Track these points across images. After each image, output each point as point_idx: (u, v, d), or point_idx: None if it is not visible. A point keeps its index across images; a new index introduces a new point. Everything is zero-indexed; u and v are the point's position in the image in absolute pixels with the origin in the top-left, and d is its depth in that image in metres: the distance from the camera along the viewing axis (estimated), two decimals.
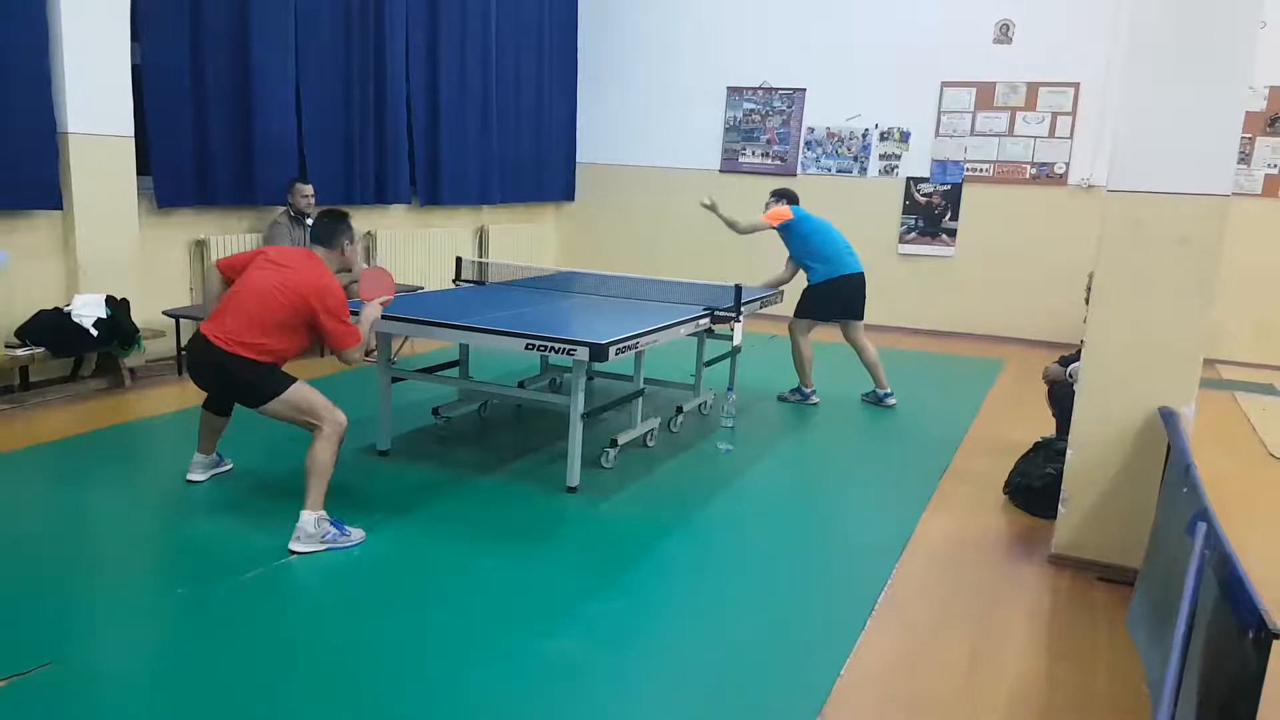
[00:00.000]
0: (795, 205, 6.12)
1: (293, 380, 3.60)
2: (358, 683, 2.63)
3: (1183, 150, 3.33)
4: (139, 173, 5.87)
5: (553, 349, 3.99)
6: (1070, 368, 4.42)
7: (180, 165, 6.14)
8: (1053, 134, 8.48)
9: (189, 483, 4.06)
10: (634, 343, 4.17)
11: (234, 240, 6.57)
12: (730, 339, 5.35)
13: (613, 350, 3.94)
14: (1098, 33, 8.11)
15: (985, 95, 8.66)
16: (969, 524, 4.10)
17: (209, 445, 4.10)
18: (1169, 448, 3.21)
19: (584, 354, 3.90)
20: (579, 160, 10.35)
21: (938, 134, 8.89)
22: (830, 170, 9.33)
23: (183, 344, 6.05)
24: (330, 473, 3.52)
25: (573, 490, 4.18)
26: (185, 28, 6.04)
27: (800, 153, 9.42)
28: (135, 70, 5.79)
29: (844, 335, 6.09)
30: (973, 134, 8.75)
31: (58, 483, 4.17)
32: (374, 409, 4.73)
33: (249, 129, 6.52)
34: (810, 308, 6.03)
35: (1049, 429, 4.71)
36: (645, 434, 4.91)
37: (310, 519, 3.44)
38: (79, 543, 3.55)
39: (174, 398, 5.59)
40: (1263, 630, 1.61)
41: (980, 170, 8.78)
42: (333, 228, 3.82)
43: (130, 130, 5.75)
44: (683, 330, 4.74)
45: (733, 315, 5.02)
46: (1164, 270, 3.39)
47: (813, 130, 9.36)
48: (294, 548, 3.41)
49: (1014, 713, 2.65)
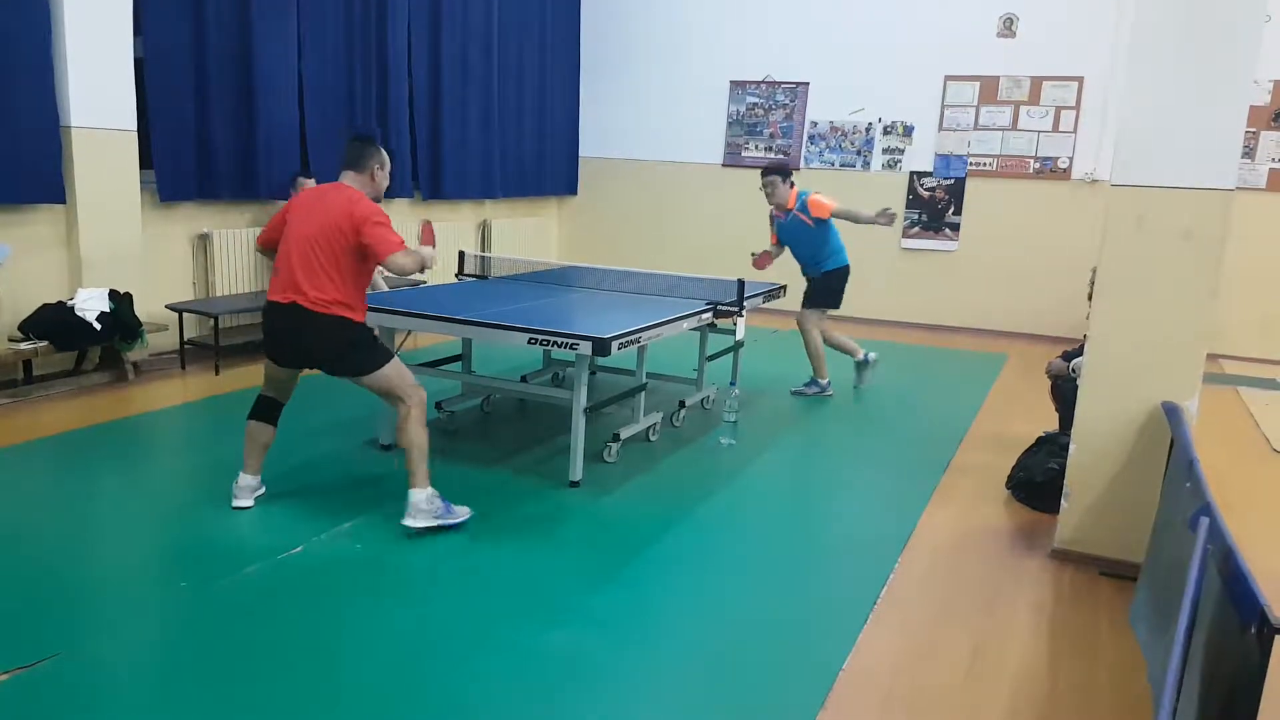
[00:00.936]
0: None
1: (391, 353, 3.61)
2: (360, 675, 2.64)
3: (1186, 144, 3.32)
4: (141, 166, 5.87)
5: (555, 343, 4.00)
6: (1073, 362, 4.41)
7: (183, 159, 6.14)
8: (1056, 128, 8.46)
9: (235, 509, 3.71)
10: (636, 337, 4.17)
11: (237, 235, 6.57)
12: (733, 333, 5.36)
13: (615, 345, 3.94)
14: (1102, 27, 8.09)
15: (989, 89, 8.64)
16: (971, 519, 4.10)
17: (257, 463, 3.76)
18: (1172, 442, 3.21)
19: (587, 348, 3.90)
20: (581, 154, 10.34)
21: (941, 128, 8.87)
22: (833, 164, 9.31)
23: (185, 338, 6.07)
24: (427, 446, 3.54)
25: (575, 485, 4.19)
26: (188, 21, 6.04)
27: (803, 147, 9.40)
28: (138, 64, 5.79)
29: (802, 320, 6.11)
30: (976, 128, 8.73)
31: (61, 476, 4.18)
32: (374, 404, 4.72)
33: (252, 123, 6.51)
34: (823, 296, 6.05)
35: (1052, 424, 4.71)
36: (648, 429, 4.91)
37: (422, 496, 3.49)
38: (82, 536, 3.56)
39: (177, 391, 5.60)
40: (1265, 625, 1.61)
41: (983, 164, 8.76)
42: (361, 150, 3.58)
43: (133, 124, 5.75)
44: (685, 325, 4.74)
45: (735, 310, 5.02)
46: (1167, 265, 3.39)
47: (816, 124, 9.34)
48: (409, 524, 3.46)
49: (1016, 707, 2.65)
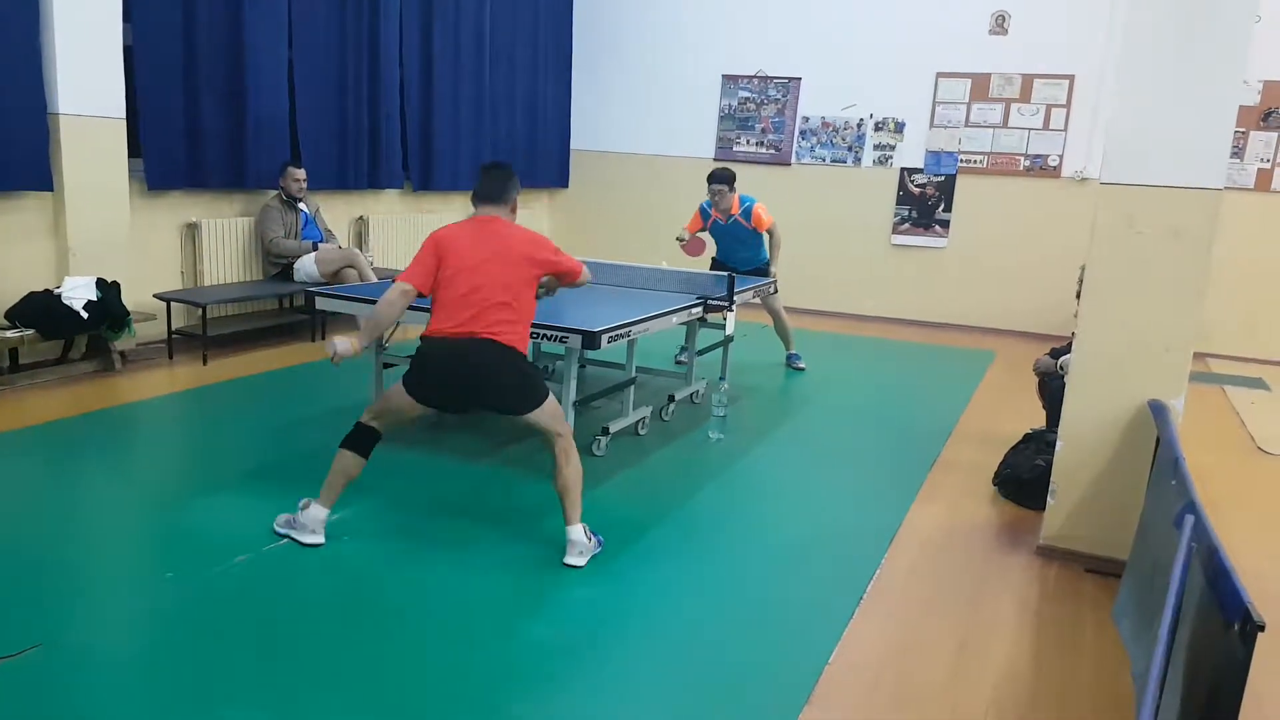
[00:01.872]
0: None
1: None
2: (344, 666, 2.63)
3: (1176, 144, 3.33)
4: (130, 154, 5.82)
5: (545, 336, 3.99)
6: (1061, 360, 4.43)
7: (172, 147, 6.10)
8: (1047, 126, 8.49)
9: (307, 546, 3.36)
10: (626, 331, 4.17)
11: (225, 224, 6.54)
12: (723, 328, 5.36)
13: (605, 338, 3.94)
14: (1094, 25, 8.11)
15: (980, 86, 8.66)
16: (958, 515, 4.11)
17: (334, 497, 3.41)
18: (1158, 440, 3.23)
19: (576, 341, 3.90)
20: (573, 147, 10.32)
21: (932, 125, 8.88)
22: (825, 160, 9.32)
23: (173, 327, 6.04)
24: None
25: None
26: (178, 9, 6.00)
27: (795, 142, 9.40)
28: (127, 51, 5.75)
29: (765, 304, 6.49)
30: (967, 125, 8.75)
31: (46, 465, 4.15)
32: (366, 395, 4.72)
33: (241, 112, 6.48)
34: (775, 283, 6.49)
35: (1039, 421, 4.73)
36: (637, 422, 4.91)
37: (580, 532, 3.35)
38: (67, 526, 3.54)
39: (164, 381, 5.57)
40: (1248, 622, 1.62)
41: (974, 162, 8.78)
42: (505, 182, 3.50)
43: (122, 111, 5.70)
44: (675, 319, 4.74)
45: (725, 304, 5.02)
46: (1156, 263, 3.40)
47: (808, 119, 9.34)
48: (571, 562, 3.31)
49: (1000, 701, 2.67)
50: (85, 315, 5.29)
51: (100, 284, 5.42)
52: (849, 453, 5.03)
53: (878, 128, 9.11)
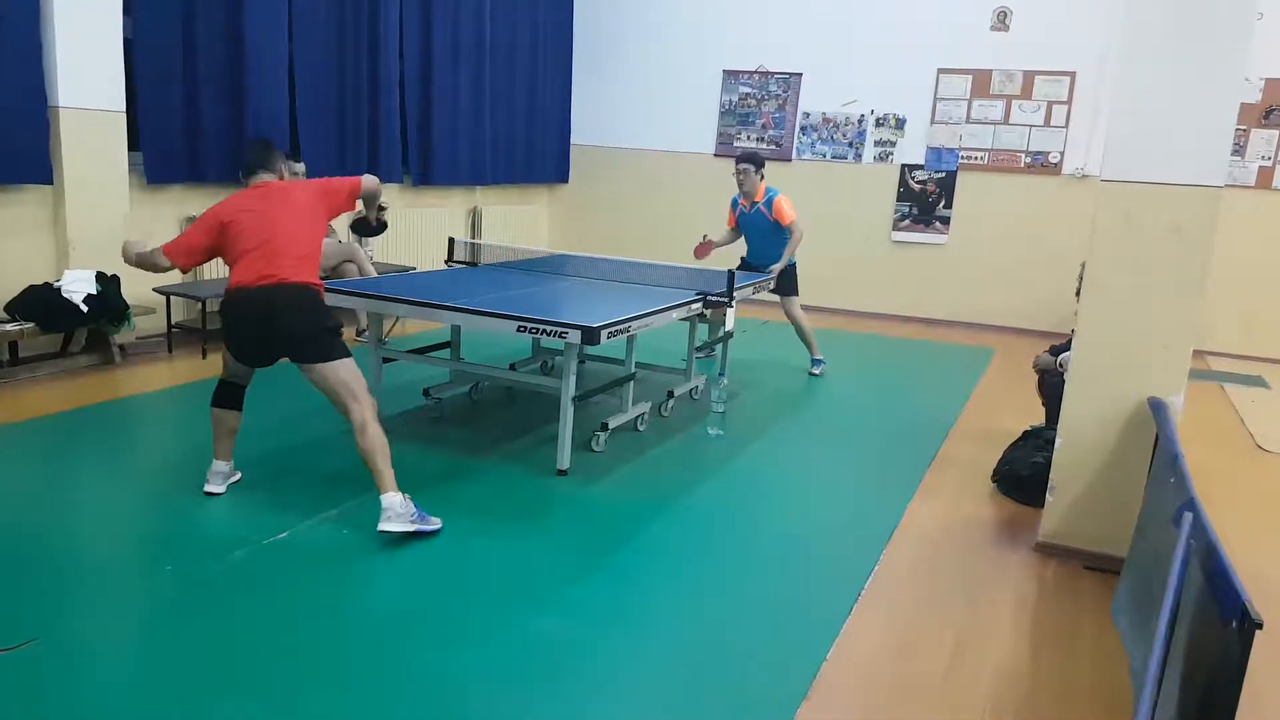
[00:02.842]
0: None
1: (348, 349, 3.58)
2: (343, 660, 2.64)
3: (1177, 141, 3.32)
4: (130, 148, 5.82)
5: (545, 331, 3.98)
6: (1060, 357, 4.43)
7: (171, 141, 6.09)
8: (1048, 123, 8.48)
9: (207, 495, 3.70)
10: (626, 326, 4.17)
11: None
12: (722, 324, 5.35)
13: (604, 334, 3.93)
14: (1095, 22, 8.09)
15: (981, 83, 8.65)
16: (957, 511, 4.11)
17: (227, 448, 3.78)
18: (1157, 438, 3.23)
19: (576, 337, 3.89)
20: (573, 142, 10.30)
21: (933, 121, 8.87)
22: (825, 156, 9.31)
23: (172, 321, 6.03)
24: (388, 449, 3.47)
25: (563, 473, 4.18)
26: (178, 2, 5.98)
27: (795, 138, 9.39)
28: (127, 45, 5.74)
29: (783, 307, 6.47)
30: (968, 121, 8.74)
31: (46, 459, 4.15)
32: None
33: (241, 106, 6.46)
34: (794, 284, 6.40)
35: (1038, 418, 4.73)
36: (636, 418, 4.91)
37: (396, 499, 3.38)
38: (66, 519, 3.54)
39: (164, 375, 5.57)
40: (1246, 620, 1.62)
41: (975, 158, 8.77)
42: (270, 151, 3.83)
43: (121, 105, 5.70)
44: (675, 314, 4.74)
45: (725, 300, 5.02)
46: (1156, 261, 3.40)
47: (808, 115, 9.33)
48: (385, 528, 3.33)
49: (997, 698, 2.67)
50: (85, 309, 5.30)
51: (100, 277, 5.42)
52: (848, 449, 5.03)
53: (878, 124, 9.10)
